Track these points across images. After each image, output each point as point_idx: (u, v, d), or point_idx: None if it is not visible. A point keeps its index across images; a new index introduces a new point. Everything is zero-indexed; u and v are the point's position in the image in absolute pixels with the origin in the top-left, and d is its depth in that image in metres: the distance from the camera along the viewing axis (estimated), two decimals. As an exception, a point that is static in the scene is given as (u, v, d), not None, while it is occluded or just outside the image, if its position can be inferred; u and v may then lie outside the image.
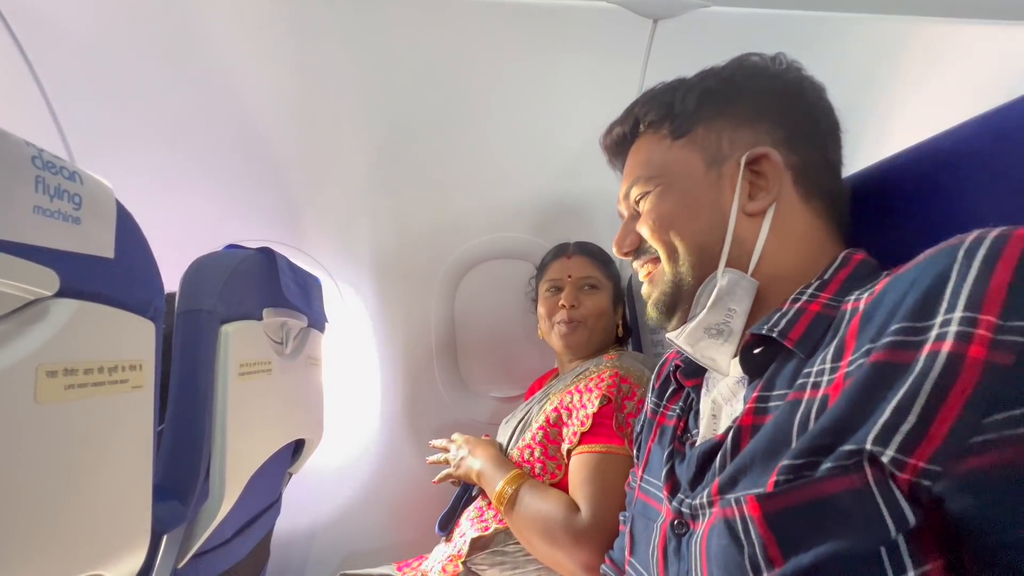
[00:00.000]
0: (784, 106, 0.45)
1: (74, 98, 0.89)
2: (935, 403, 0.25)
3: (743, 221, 0.43)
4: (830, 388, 0.31)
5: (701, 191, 0.45)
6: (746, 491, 0.32)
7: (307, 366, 0.88)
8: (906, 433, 0.26)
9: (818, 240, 0.43)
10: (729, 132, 0.45)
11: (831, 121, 0.46)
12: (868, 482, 0.27)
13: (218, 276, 0.61)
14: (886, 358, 0.28)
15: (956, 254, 0.28)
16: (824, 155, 0.45)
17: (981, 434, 0.24)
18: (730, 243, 0.43)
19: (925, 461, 0.25)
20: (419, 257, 1.19)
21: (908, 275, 0.30)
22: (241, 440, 0.64)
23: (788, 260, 0.42)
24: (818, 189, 0.44)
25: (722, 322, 0.43)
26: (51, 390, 0.35)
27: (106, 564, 0.40)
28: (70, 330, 0.37)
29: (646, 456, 0.50)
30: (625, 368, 0.84)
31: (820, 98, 0.46)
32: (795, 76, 0.46)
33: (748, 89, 0.46)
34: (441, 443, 1.02)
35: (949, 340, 0.26)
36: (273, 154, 1.02)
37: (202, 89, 0.92)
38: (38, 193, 0.34)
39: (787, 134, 0.44)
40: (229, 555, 0.71)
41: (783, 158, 0.43)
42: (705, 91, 0.46)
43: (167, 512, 0.52)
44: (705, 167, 0.45)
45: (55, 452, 0.36)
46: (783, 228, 0.43)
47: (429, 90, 0.96)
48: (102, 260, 0.40)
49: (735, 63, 0.48)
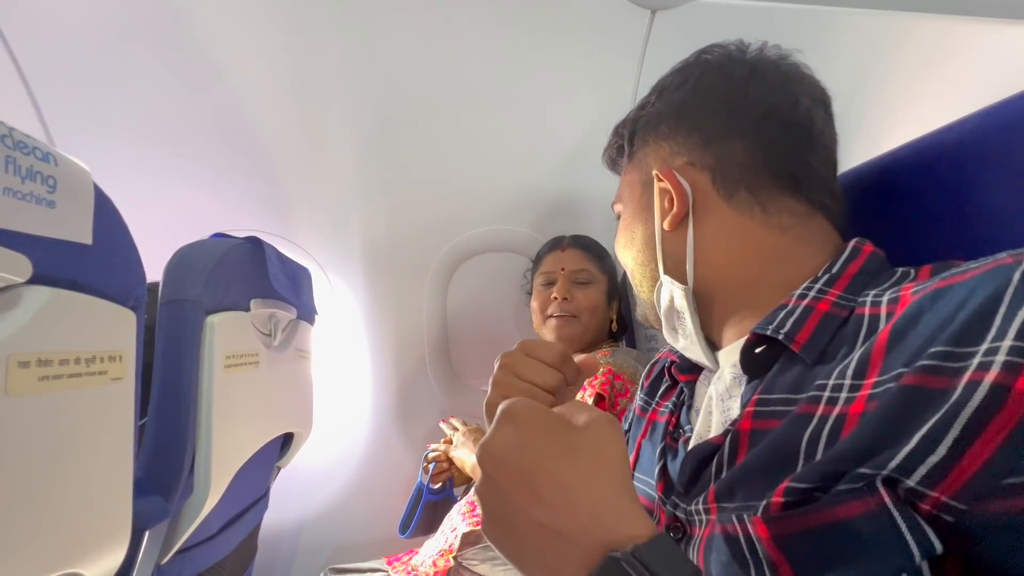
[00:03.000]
0: (694, 111, 0.44)
1: (56, 85, 0.86)
2: (970, 436, 0.23)
3: (668, 236, 0.44)
4: (849, 408, 0.29)
5: (637, 213, 0.48)
6: (746, 503, 0.31)
7: (296, 359, 0.86)
8: (933, 465, 0.24)
9: (761, 230, 0.41)
10: (654, 150, 0.46)
11: (757, 104, 0.42)
12: (886, 504, 0.25)
13: (203, 265, 0.60)
14: (919, 383, 0.26)
15: (1011, 275, 0.25)
16: (754, 141, 0.42)
17: (1016, 476, 0.22)
18: (661, 258, 0.45)
19: (949, 496, 0.24)
20: (411, 249, 1.17)
21: (952, 294, 0.28)
22: (227, 434, 0.62)
23: (735, 259, 0.42)
24: (745, 182, 0.41)
25: (677, 324, 0.46)
26: (23, 381, 0.34)
27: (83, 562, 0.39)
28: (44, 319, 0.35)
29: (635, 452, 0.49)
30: (619, 365, 0.84)
31: (737, 87, 0.43)
32: (708, 75, 0.44)
33: (664, 103, 0.46)
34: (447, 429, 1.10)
35: (995, 370, 0.23)
36: (263, 143, 0.99)
37: (190, 76, 0.89)
38: (8, 174, 0.32)
39: (701, 137, 0.43)
40: (215, 551, 0.70)
41: (697, 163, 0.43)
42: (639, 111, 0.48)
43: (149, 508, 0.50)
44: (641, 188, 0.47)
45: (28, 446, 0.34)
46: (713, 232, 0.42)
47: (423, 80, 0.94)
48: (79, 246, 0.39)
49: (666, 75, 0.47)
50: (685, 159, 0.44)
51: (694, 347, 0.44)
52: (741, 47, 0.45)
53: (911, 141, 0.43)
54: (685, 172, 0.43)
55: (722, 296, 0.43)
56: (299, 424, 0.91)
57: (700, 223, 0.43)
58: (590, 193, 1.15)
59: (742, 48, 0.45)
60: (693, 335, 0.44)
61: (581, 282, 0.97)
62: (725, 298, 0.43)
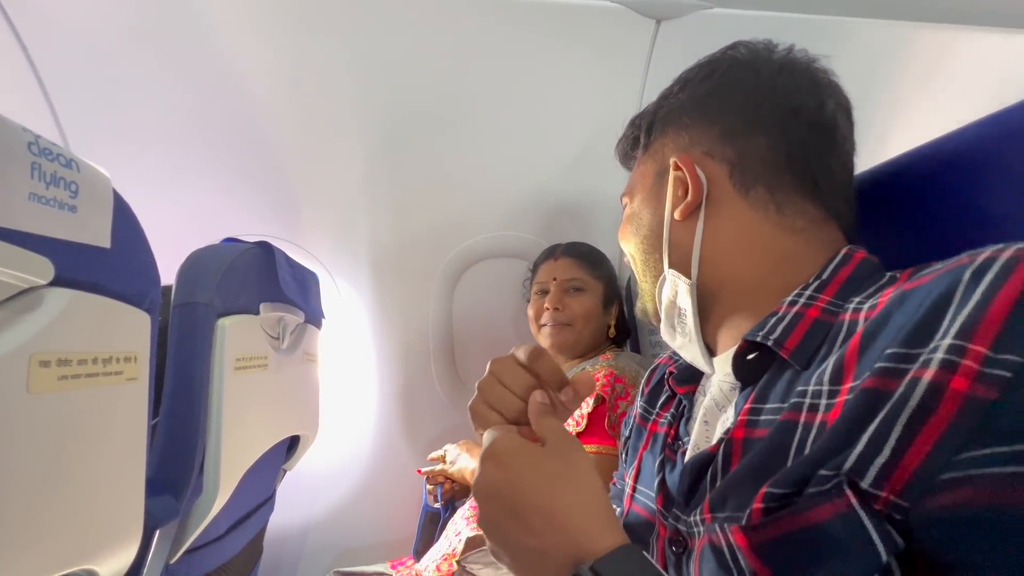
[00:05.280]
0: (717, 103, 0.43)
1: (72, 91, 0.88)
2: (910, 435, 0.24)
3: (677, 226, 0.43)
4: (829, 415, 0.29)
5: (648, 201, 0.47)
6: (734, 512, 0.31)
7: (303, 362, 0.87)
8: (880, 466, 0.25)
9: (774, 229, 0.40)
10: (672, 140, 0.45)
11: (785, 101, 0.42)
12: (853, 505, 0.25)
13: (215, 269, 0.61)
14: (875, 384, 0.26)
15: (962, 275, 0.26)
16: (776, 139, 0.41)
17: (951, 471, 0.23)
18: (667, 248, 0.44)
19: (895, 496, 0.24)
20: (417, 254, 1.18)
21: (915, 295, 0.28)
22: (236, 435, 0.63)
23: (742, 255, 0.41)
24: (764, 179, 0.41)
25: (676, 321, 0.45)
26: (44, 380, 0.35)
27: (97, 559, 0.40)
28: (64, 320, 0.36)
29: (637, 464, 0.49)
30: (620, 368, 0.84)
31: (764, 82, 0.42)
32: (735, 70, 0.44)
33: (689, 94, 0.46)
34: (438, 453, 1.10)
35: (932, 368, 0.24)
36: (272, 149, 1.01)
37: (201, 82, 0.91)
38: (34, 180, 0.33)
39: (721, 129, 0.42)
40: (222, 551, 0.71)
41: (716, 154, 0.42)
42: (660, 101, 0.48)
43: (160, 507, 0.51)
44: (655, 178, 0.46)
45: (47, 444, 0.35)
46: (724, 226, 0.41)
47: (430, 87, 0.95)
48: (98, 250, 0.40)
49: (690, 68, 0.47)
50: (704, 149, 0.43)
51: (692, 346, 0.44)
52: (769, 46, 0.44)
53: (912, 149, 0.44)
54: (703, 162, 0.42)
55: (724, 296, 0.42)
56: (306, 427, 0.91)
57: (711, 216, 0.42)
58: (596, 198, 1.15)
59: (770, 47, 0.44)
60: (692, 333, 0.43)
61: (573, 291, 0.98)
62: (727, 298, 0.42)
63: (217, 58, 0.88)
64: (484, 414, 0.40)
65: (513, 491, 0.31)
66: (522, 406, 0.39)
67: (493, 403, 0.39)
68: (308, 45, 0.88)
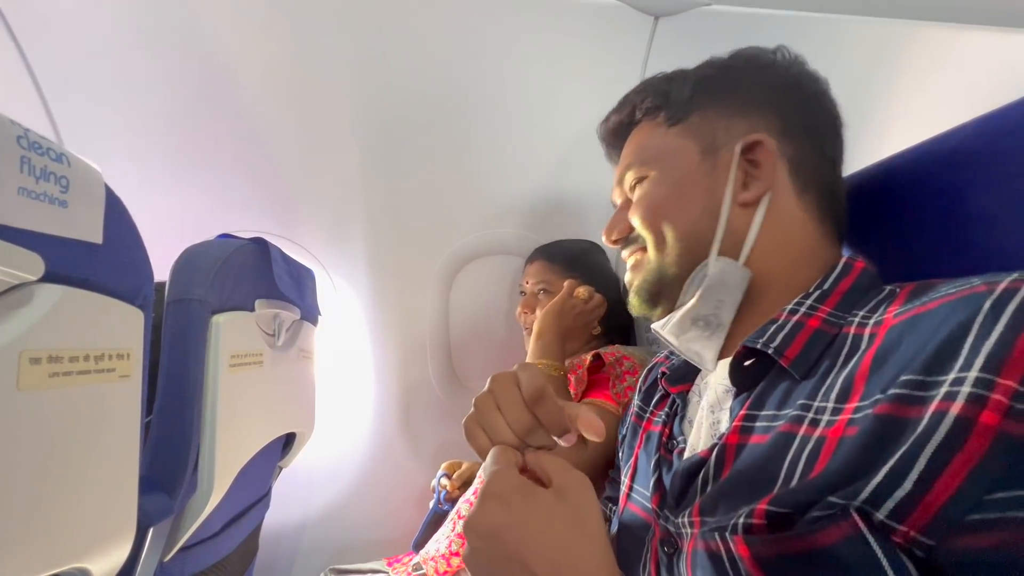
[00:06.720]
0: (780, 97, 0.44)
1: (66, 87, 0.87)
2: (935, 469, 0.23)
3: (736, 211, 0.42)
4: (829, 431, 0.29)
5: (695, 179, 0.44)
6: (726, 518, 0.31)
7: (299, 359, 0.87)
8: (900, 499, 0.24)
9: (812, 236, 0.42)
10: (724, 121, 0.44)
11: (830, 116, 0.45)
12: (860, 530, 0.25)
13: (209, 265, 0.60)
14: (890, 411, 0.26)
15: (982, 304, 0.25)
16: (821, 150, 0.43)
17: (982, 511, 0.22)
18: (723, 232, 0.42)
19: (917, 532, 0.24)
20: (414, 251, 1.18)
21: (927, 320, 0.28)
22: (231, 432, 0.63)
23: (781, 254, 0.41)
24: (815, 183, 0.42)
25: (711, 313, 0.42)
26: (34, 377, 0.34)
27: (90, 557, 0.39)
28: (55, 316, 0.36)
29: (633, 463, 0.49)
30: (628, 350, 0.84)
31: (820, 92, 0.45)
32: (794, 69, 0.45)
33: (744, 78, 0.45)
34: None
35: (960, 401, 0.23)
36: (267, 145, 1.00)
37: (196, 78, 0.90)
38: (23, 174, 0.33)
39: (783, 125, 0.43)
40: (217, 549, 0.70)
41: (778, 148, 0.42)
42: (701, 79, 0.46)
43: (153, 505, 0.51)
44: (700, 155, 0.44)
45: (38, 441, 0.35)
46: (777, 220, 0.41)
47: (426, 83, 0.95)
48: (90, 245, 0.39)
49: (734, 54, 0.47)
50: (775, 140, 0.42)
51: (709, 340, 0.42)
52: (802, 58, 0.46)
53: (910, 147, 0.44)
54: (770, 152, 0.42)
55: (756, 290, 0.41)
56: (301, 424, 0.91)
57: (769, 208, 0.41)
58: (591, 196, 1.15)
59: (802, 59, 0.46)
60: (725, 326, 0.42)
61: (542, 294, 0.98)
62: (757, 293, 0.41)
63: (213, 54, 0.87)
64: (478, 437, 0.37)
65: (519, 535, 0.30)
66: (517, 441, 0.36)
67: (488, 430, 0.37)
68: (304, 41, 0.87)
